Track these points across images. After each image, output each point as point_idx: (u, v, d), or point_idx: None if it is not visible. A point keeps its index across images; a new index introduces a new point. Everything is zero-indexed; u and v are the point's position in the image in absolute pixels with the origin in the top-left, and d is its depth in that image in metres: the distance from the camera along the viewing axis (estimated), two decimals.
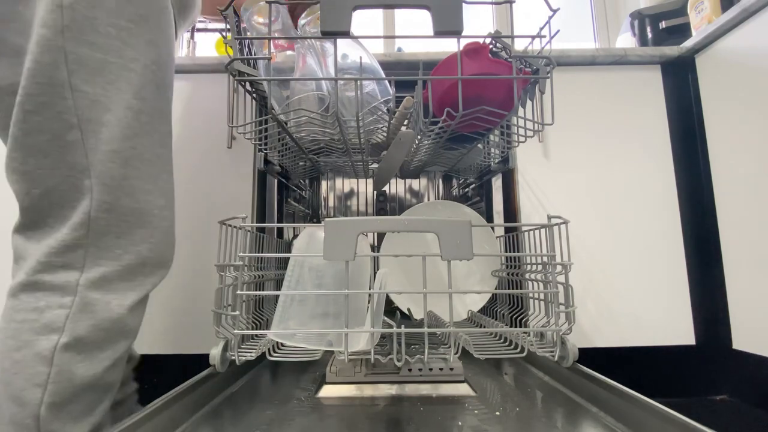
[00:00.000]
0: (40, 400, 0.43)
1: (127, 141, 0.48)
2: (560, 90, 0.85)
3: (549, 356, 0.51)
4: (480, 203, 1.01)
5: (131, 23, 0.47)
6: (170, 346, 0.80)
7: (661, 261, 0.85)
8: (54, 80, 0.43)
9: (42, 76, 0.43)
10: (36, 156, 0.44)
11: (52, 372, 0.44)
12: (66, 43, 0.43)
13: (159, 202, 0.52)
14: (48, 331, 0.44)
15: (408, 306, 0.81)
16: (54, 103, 0.43)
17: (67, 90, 0.44)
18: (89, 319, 0.46)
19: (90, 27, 0.44)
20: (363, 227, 0.45)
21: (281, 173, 0.89)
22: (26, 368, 0.44)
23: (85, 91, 0.45)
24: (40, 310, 0.45)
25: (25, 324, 0.44)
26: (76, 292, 0.46)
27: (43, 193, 0.45)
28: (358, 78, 0.54)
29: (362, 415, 0.48)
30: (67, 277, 0.46)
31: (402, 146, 0.65)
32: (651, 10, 1.16)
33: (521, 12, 1.50)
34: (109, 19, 0.46)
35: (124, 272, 0.49)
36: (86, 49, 0.44)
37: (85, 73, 0.45)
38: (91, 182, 0.46)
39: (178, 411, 0.44)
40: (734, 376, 0.81)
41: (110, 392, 0.50)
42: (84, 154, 0.45)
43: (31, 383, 0.43)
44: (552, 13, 0.51)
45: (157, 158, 0.52)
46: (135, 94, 0.48)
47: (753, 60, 0.77)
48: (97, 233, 0.47)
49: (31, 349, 0.44)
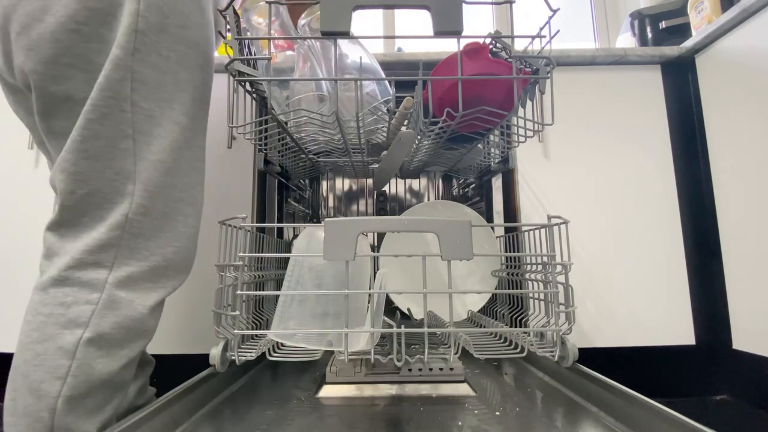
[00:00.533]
0: (58, 393, 0.45)
1: (172, 153, 0.52)
2: (560, 90, 0.85)
3: (549, 356, 0.51)
4: (480, 203, 1.01)
5: (188, 49, 0.53)
6: (170, 346, 0.81)
7: (661, 261, 0.85)
8: (119, 95, 0.48)
9: (110, 90, 0.47)
10: (88, 160, 0.48)
11: (73, 365, 0.45)
12: (134, 63, 0.48)
13: (187, 210, 0.55)
14: (73, 325, 0.46)
15: (408, 306, 0.81)
16: (114, 114, 0.48)
17: (127, 104, 0.49)
18: (113, 317, 0.48)
19: (155, 51, 0.50)
20: (363, 227, 0.45)
21: (281, 173, 0.89)
22: (48, 360, 0.45)
23: (142, 106, 0.50)
24: (67, 305, 0.47)
25: (51, 318, 0.46)
26: (103, 290, 0.48)
27: (87, 194, 0.48)
28: (358, 78, 0.54)
29: (362, 415, 0.48)
30: (96, 275, 0.48)
31: (402, 146, 0.65)
32: (651, 10, 1.16)
33: (521, 12, 1.50)
34: (170, 44, 0.51)
35: (150, 273, 0.51)
36: (149, 70, 0.50)
37: (145, 90, 0.50)
38: (134, 187, 0.49)
39: (178, 411, 0.44)
40: (734, 376, 0.81)
41: (122, 391, 0.51)
42: (133, 161, 0.49)
43: (52, 375, 0.45)
44: (552, 13, 0.51)
45: (192, 170, 0.56)
46: (184, 112, 0.53)
47: (753, 60, 0.77)
48: (131, 235, 0.49)
49: (54, 342, 0.46)
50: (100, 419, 0.48)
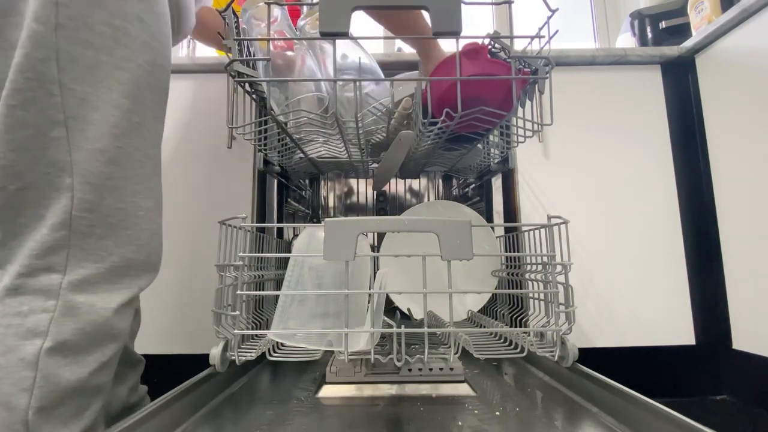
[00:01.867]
0: (27, 405, 0.43)
1: (114, 140, 0.47)
2: (560, 90, 0.85)
3: (549, 356, 0.51)
4: (480, 203, 1.01)
5: (127, 23, 0.47)
6: (170, 346, 0.81)
7: (661, 261, 0.85)
8: (43, 77, 0.43)
9: (32, 72, 0.42)
10: (16, 151, 0.43)
11: (37, 376, 0.43)
12: (59, 40, 0.43)
13: (146, 204, 0.51)
14: (32, 335, 0.44)
15: (408, 306, 0.81)
16: (41, 99, 0.43)
17: (55, 87, 0.43)
18: (73, 323, 0.45)
19: (84, 25, 0.44)
20: (363, 227, 0.45)
21: (281, 173, 0.89)
22: (12, 373, 0.43)
23: (73, 88, 0.44)
24: (24, 314, 0.44)
25: (10, 329, 0.44)
26: (58, 296, 0.45)
27: (20, 189, 0.44)
28: (357, 79, 0.54)
29: (362, 415, 0.48)
30: (49, 281, 0.45)
31: (402, 146, 0.65)
32: (651, 10, 1.16)
33: (521, 12, 1.49)
34: (104, 18, 0.45)
35: (109, 274, 0.48)
36: (79, 47, 0.44)
37: (76, 71, 0.44)
38: (72, 180, 0.45)
39: (178, 411, 0.44)
40: (734, 376, 0.81)
41: (100, 395, 0.49)
42: (67, 151, 0.44)
43: (17, 388, 0.43)
44: (551, 13, 0.52)
45: (147, 159, 0.51)
46: (125, 94, 0.48)
47: (753, 60, 0.77)
48: (80, 234, 0.46)
49: (15, 354, 0.43)
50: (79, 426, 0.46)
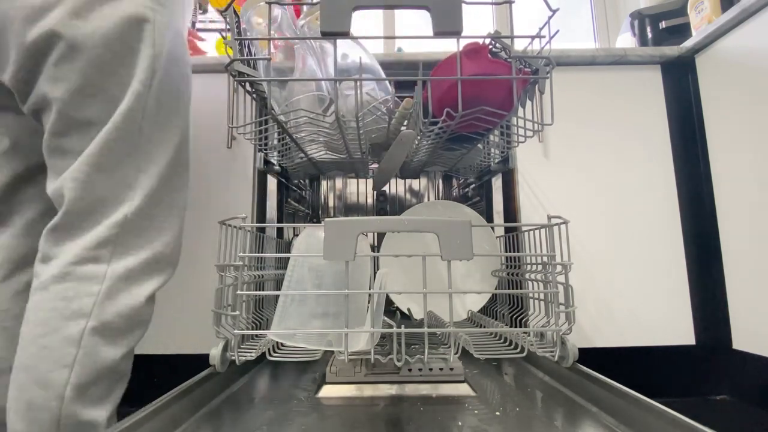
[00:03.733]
0: (66, 381, 0.48)
1: (171, 168, 0.60)
2: (560, 90, 0.85)
3: (549, 356, 0.51)
4: (480, 203, 1.01)
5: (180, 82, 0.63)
6: (170, 346, 0.81)
7: (661, 261, 0.85)
8: (134, 121, 0.56)
9: (129, 117, 0.55)
10: (100, 172, 0.54)
11: (79, 353, 0.49)
12: (148, 96, 0.57)
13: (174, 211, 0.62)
14: (77, 316, 0.50)
15: (408, 306, 0.81)
16: (128, 137, 0.55)
17: (136, 128, 0.56)
18: (114, 306, 0.52)
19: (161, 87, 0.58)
20: (363, 227, 0.45)
21: (281, 173, 0.89)
22: (54, 351, 0.48)
23: (147, 131, 0.58)
24: (70, 298, 0.50)
25: (55, 312, 0.50)
26: (103, 282, 0.52)
27: (94, 200, 0.54)
28: (357, 78, 0.54)
29: (362, 415, 0.48)
30: (96, 269, 0.52)
31: (402, 146, 0.65)
32: (651, 10, 1.16)
33: (521, 12, 1.49)
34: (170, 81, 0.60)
35: (144, 266, 0.56)
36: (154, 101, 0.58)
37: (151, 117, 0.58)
38: (134, 193, 0.56)
39: (178, 411, 0.44)
40: (734, 376, 0.81)
41: (123, 381, 0.54)
42: (135, 174, 0.57)
43: (59, 364, 0.48)
44: (551, 13, 0.51)
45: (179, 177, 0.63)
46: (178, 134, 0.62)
47: (753, 60, 0.77)
48: (127, 232, 0.55)
49: (60, 333, 0.49)
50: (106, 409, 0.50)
